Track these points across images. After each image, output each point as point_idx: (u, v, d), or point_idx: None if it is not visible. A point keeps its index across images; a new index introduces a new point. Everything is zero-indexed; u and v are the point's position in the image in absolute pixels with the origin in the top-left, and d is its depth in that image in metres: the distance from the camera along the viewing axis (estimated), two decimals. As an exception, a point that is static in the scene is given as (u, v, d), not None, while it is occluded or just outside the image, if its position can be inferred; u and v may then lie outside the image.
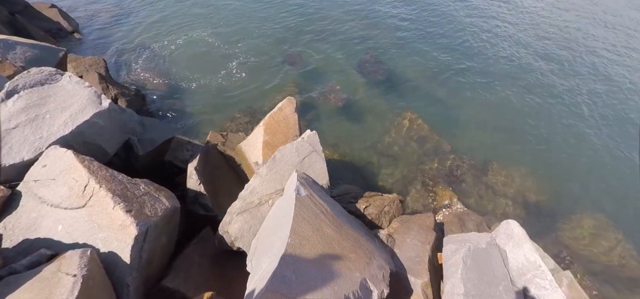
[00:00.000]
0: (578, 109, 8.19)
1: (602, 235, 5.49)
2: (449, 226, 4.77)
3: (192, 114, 6.74)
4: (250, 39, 9.24)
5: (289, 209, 2.77)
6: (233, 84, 7.57)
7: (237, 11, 10.65)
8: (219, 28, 9.63)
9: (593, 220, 5.69)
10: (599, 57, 10.62)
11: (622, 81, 9.61)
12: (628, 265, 5.17)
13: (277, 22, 10.26)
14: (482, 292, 2.88)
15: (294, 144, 3.65)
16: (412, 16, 11.66)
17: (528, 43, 10.92)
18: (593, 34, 12.10)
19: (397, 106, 7.45)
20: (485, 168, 6.31)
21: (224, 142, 4.67)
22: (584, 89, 8.99)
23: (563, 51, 10.68)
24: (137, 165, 4.07)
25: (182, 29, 9.47)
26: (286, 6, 11.29)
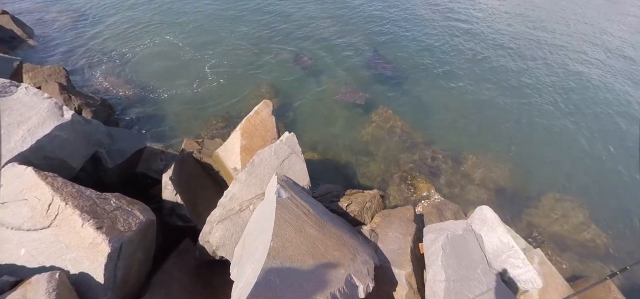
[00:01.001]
0: (542, 100, 8.74)
1: (568, 213, 5.88)
2: (428, 216, 4.91)
3: (165, 122, 6.49)
4: (222, 43, 9.05)
5: (270, 212, 2.74)
6: (207, 89, 7.37)
7: (206, 14, 10.41)
8: (189, 32, 9.36)
9: (559, 200, 6.07)
10: (560, 53, 11.40)
11: (581, 72, 10.37)
12: (591, 238, 5.57)
13: (249, 25, 10.13)
14: (462, 276, 2.99)
15: (273, 147, 3.61)
16: (384, 16, 11.93)
17: (496, 42, 11.51)
18: (556, 33, 12.95)
19: (372, 103, 7.58)
20: (458, 159, 6.57)
21: (200, 149, 4.54)
22: (546, 81, 9.60)
23: (528, 49, 11.36)
24: (106, 179, 3.87)
25: (150, 33, 9.12)
26: (257, 8, 11.18)
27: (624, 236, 5.74)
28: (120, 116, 6.42)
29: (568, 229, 5.69)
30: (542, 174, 6.56)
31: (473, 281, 3.05)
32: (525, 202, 6.01)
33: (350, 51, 9.48)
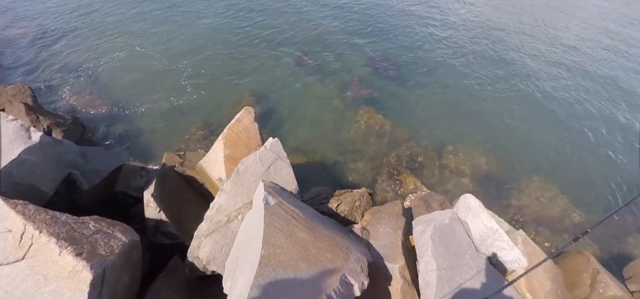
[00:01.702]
0: (514, 90, 9.15)
1: (545, 194, 6.17)
2: (416, 209, 5.00)
3: (142, 137, 6.27)
4: (198, 51, 8.86)
5: (259, 220, 2.70)
6: (185, 100, 7.18)
7: (178, 23, 10.16)
8: (160, 42, 9.10)
9: (536, 182, 6.36)
10: (531, 48, 11.97)
11: (552, 64, 10.93)
12: (567, 215, 5.87)
13: (224, 32, 9.98)
14: (452, 263, 3.07)
15: (257, 154, 3.56)
16: (359, 17, 12.09)
17: (471, 40, 11.94)
18: (527, 30, 13.58)
19: (354, 103, 7.66)
20: (441, 151, 6.74)
21: (181, 162, 4.41)
22: (519, 74, 10.07)
23: (501, 46, 11.86)
24: (83, 201, 3.69)
25: (119, 45, 8.78)
26: (231, 15, 11.03)
27: (596, 209, 6.09)
28: (94, 134, 6.13)
29: (546, 208, 5.96)
30: (519, 160, 6.85)
31: (463, 267, 3.13)
32: (506, 187, 6.25)
33: (329, 53, 9.54)
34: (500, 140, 7.23)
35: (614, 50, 12.28)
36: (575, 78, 10.01)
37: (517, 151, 7.03)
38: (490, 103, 8.35)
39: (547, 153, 7.10)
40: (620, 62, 11.51)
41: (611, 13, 16.28)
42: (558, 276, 3.86)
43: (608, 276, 4.19)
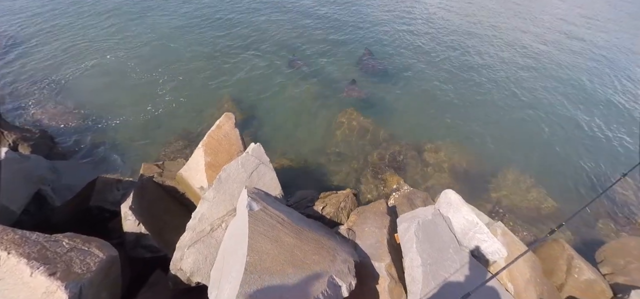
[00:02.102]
0: (488, 88, 9.54)
1: (521, 186, 6.44)
2: (400, 207, 5.09)
3: (118, 148, 6.02)
4: (173, 58, 8.62)
5: (243, 227, 2.66)
6: (162, 109, 6.97)
7: (152, 29, 9.85)
8: (134, 48, 8.80)
9: (512, 174, 6.63)
10: (505, 46, 12.49)
11: (525, 62, 11.46)
12: (543, 205, 6.15)
13: (200, 37, 9.79)
14: (436, 258, 3.14)
15: (240, 160, 3.51)
16: (337, 20, 12.22)
17: (446, 42, 12.32)
18: (493, 33, 14.15)
19: (334, 105, 7.72)
20: (422, 149, 6.90)
21: (160, 172, 4.27)
22: (489, 73, 10.49)
23: (476, 46, 12.32)
24: (55, 219, 3.50)
25: (89, 53, 8.38)
26: (206, 19, 10.84)
27: (570, 199, 6.42)
28: (65, 147, 5.83)
29: (522, 199, 6.22)
30: (495, 154, 7.13)
31: (447, 261, 3.21)
32: (484, 181, 6.48)
33: (309, 56, 9.57)
34: (477, 136, 7.49)
35: (575, 49, 13.07)
36: (543, 76, 10.57)
37: (493, 146, 7.31)
38: (466, 101, 8.65)
39: (520, 147, 7.43)
40: (582, 60, 12.27)
41: (568, 14, 17.34)
42: (536, 264, 4.02)
43: (582, 261, 4.43)
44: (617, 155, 7.68)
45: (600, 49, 13.35)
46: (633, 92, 10.53)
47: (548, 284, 4.07)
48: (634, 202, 6.53)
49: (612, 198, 6.47)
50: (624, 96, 10.17)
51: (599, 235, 5.81)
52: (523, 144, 7.50)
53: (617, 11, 19.28)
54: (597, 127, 8.48)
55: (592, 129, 8.39)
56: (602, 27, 15.91)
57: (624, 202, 6.46)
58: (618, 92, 10.35)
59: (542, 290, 3.79)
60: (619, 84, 10.84)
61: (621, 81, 11.08)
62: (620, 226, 5.99)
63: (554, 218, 5.94)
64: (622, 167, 7.27)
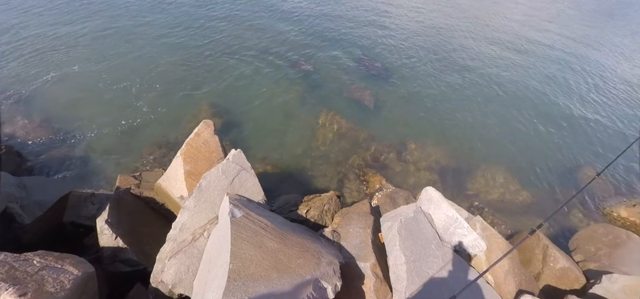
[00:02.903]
0: (463, 87, 9.88)
1: (498, 180, 6.69)
2: (383, 206, 5.16)
3: (91, 161, 5.77)
4: (147, 66, 8.34)
5: (225, 234, 2.62)
6: (137, 118, 6.74)
7: (123, 36, 9.49)
8: (107, 57, 8.45)
9: (490, 170, 6.87)
10: (472, 48, 12.98)
11: (491, 61, 11.94)
12: (519, 197, 6.41)
13: (175, 42, 9.55)
14: (419, 255, 3.20)
15: (220, 167, 3.46)
16: (313, 24, 12.31)
17: (420, 43, 12.66)
18: (468, 34, 14.68)
19: (315, 108, 7.75)
20: (402, 149, 7.04)
21: (138, 183, 4.14)
22: (464, 72, 10.87)
23: (445, 48, 12.72)
24: (26, 237, 3.32)
25: (58, 63, 7.94)
26: (179, 23, 10.62)
27: (543, 191, 6.73)
28: (33, 162, 5.53)
29: (500, 193, 6.46)
30: (472, 150, 7.38)
31: (430, 257, 3.28)
32: (463, 177, 6.68)
33: (286, 59, 9.57)
34: (455, 135, 7.73)
35: (547, 45, 13.79)
36: (516, 76, 11.06)
37: (471, 143, 7.57)
38: (442, 100, 8.92)
39: (496, 143, 7.73)
40: (554, 55, 12.96)
41: (541, 13, 18.31)
42: (514, 255, 4.18)
43: (556, 250, 4.64)
44: (586, 149, 8.13)
45: (570, 46, 14.15)
46: (602, 87, 11.23)
47: (526, 274, 4.23)
48: (601, 191, 6.93)
49: (582, 187, 6.83)
50: (595, 92, 10.83)
51: (571, 224, 6.11)
52: (499, 141, 7.81)
53: (580, 8, 20.53)
54: (567, 123, 8.96)
55: (562, 125, 8.85)
56: (568, 25, 16.89)
57: (592, 192, 6.84)
58: (589, 87, 11.01)
59: (520, 280, 3.94)
60: (590, 80, 11.54)
61: (592, 76, 11.81)
62: (589, 215, 6.34)
63: (530, 211, 6.20)
64: (590, 161, 7.72)
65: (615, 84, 11.66)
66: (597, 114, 9.68)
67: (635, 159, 8.11)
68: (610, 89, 11.23)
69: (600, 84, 11.40)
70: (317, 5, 13.90)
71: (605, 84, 11.51)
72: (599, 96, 10.67)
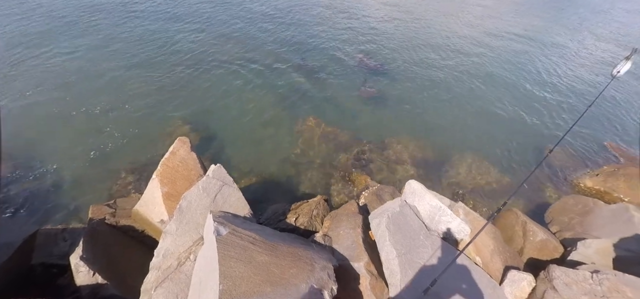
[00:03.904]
0: (437, 81, 10.24)
1: (474, 166, 6.96)
2: (370, 204, 5.20)
3: (59, 193, 5.37)
4: (114, 85, 7.92)
5: (212, 254, 2.52)
6: (108, 142, 6.37)
7: (85, 55, 8.97)
8: (69, 80, 7.89)
9: (465, 157, 7.14)
10: (443, 44, 13.49)
11: (463, 58, 12.45)
12: (496, 180, 6.70)
13: (141, 59, 9.13)
14: (409, 247, 3.25)
15: (200, 185, 3.34)
16: (283, 28, 12.31)
17: (393, 41, 12.98)
18: (439, 32, 15.23)
19: (293, 114, 7.71)
20: (383, 146, 7.16)
21: (113, 212, 3.91)
22: (437, 66, 11.27)
23: (416, 42, 13.14)
24: (-12, 288, 3.02)
25: (17, 90, 7.33)
26: (146, 39, 10.24)
27: (516, 171, 7.07)
28: (-7, 203, 5.08)
29: (478, 178, 6.72)
30: (449, 141, 7.64)
31: (419, 247, 3.34)
32: (442, 167, 6.89)
33: (259, 67, 9.48)
34: (430, 127, 7.98)
35: (506, 37, 14.62)
36: (479, 66, 11.63)
37: (445, 134, 7.85)
38: (416, 97, 9.19)
39: (468, 132, 8.07)
40: (513, 46, 13.74)
41: (503, 9, 19.41)
42: (497, 235, 4.35)
43: (534, 224, 4.88)
44: (548, 127, 8.69)
45: (525, 36, 15.07)
46: (556, 70, 12.05)
47: (510, 251, 4.41)
48: (567, 165, 7.40)
49: (550, 165, 7.26)
50: (551, 75, 11.59)
51: (545, 198, 6.47)
52: (471, 130, 8.15)
53: (532, 2, 21.98)
54: (530, 106, 9.53)
55: (525, 108, 9.41)
56: (523, 17, 18.01)
57: (560, 167, 7.29)
58: (545, 72, 11.76)
59: (505, 257, 4.11)
60: (545, 65, 12.35)
61: (546, 62, 12.64)
62: (560, 188, 6.74)
63: (506, 191, 6.50)
64: (552, 137, 8.24)
65: (567, 67, 12.58)
66: (555, 94, 10.38)
67: (595, 131, 8.76)
68: (564, 71, 12.10)
69: (554, 68, 12.24)
70: (289, 13, 13.91)
71: (558, 67, 12.38)
72: (555, 78, 11.45)
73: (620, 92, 11.03)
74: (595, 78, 11.87)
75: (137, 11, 12.21)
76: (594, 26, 18.51)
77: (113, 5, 12.46)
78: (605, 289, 3.40)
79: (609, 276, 3.49)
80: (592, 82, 11.56)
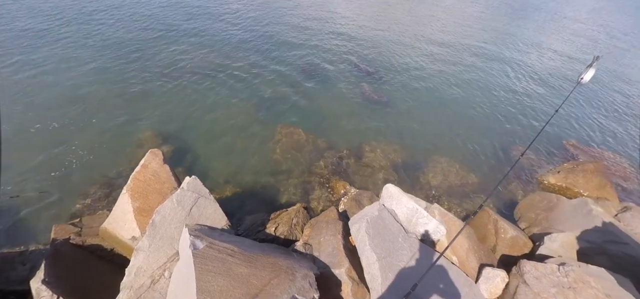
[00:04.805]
0: (412, 86, 10.58)
1: (448, 168, 7.21)
2: (350, 210, 5.24)
3: (18, 215, 4.92)
4: (79, 96, 7.41)
5: (188, 270, 2.42)
6: (72, 158, 5.95)
7: (45, 65, 8.39)
8: (28, 92, 7.38)
9: (440, 160, 7.39)
10: (414, 49, 13.99)
11: (434, 62, 12.97)
12: (469, 181, 6.98)
13: (107, 69, 8.67)
14: (389, 250, 3.29)
15: (174, 198, 3.22)
16: (257, 34, 12.28)
17: (365, 48, 13.29)
18: (417, 31, 15.77)
19: (270, 123, 7.65)
20: (360, 152, 7.26)
21: (79, 231, 3.66)
22: (410, 72, 11.65)
23: (391, 49, 13.54)
24: None
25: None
26: (112, 47, 9.81)
27: (487, 172, 7.42)
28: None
29: (452, 180, 6.97)
30: (425, 145, 7.88)
31: (398, 250, 3.39)
32: (418, 170, 7.08)
33: (232, 74, 9.35)
34: (404, 132, 8.21)
35: (476, 44, 15.45)
36: (451, 72, 12.18)
37: (419, 138, 8.11)
38: (390, 102, 9.44)
39: (441, 135, 8.39)
40: (483, 52, 14.54)
41: (471, 11, 20.52)
42: (471, 234, 4.52)
43: (505, 222, 5.13)
44: (514, 133, 9.21)
45: (493, 42, 16.01)
46: (524, 75, 12.88)
47: (484, 249, 4.60)
48: (532, 164, 7.87)
49: (517, 165, 7.66)
50: (519, 80, 12.36)
51: (513, 197, 6.82)
52: (444, 134, 8.48)
53: (497, 10, 23.46)
54: (500, 110, 10.09)
55: (496, 112, 9.96)
56: (489, 24, 19.15)
57: (526, 166, 7.74)
58: (515, 76, 12.53)
59: (480, 256, 4.27)
60: (514, 69, 13.18)
61: (514, 66, 13.51)
62: (526, 186, 7.14)
63: (479, 191, 6.80)
64: (523, 139, 8.76)
65: (533, 71, 13.51)
66: (524, 97, 11.09)
67: (555, 131, 9.40)
68: (531, 75, 12.98)
69: (523, 72, 13.10)
70: (262, 21, 13.89)
71: (526, 71, 13.27)
72: (525, 83, 12.25)
73: (578, 94, 11.98)
74: (562, 83, 12.82)
75: (103, 19, 11.71)
76: (557, 33, 20.07)
77: (77, 13, 11.87)
78: (571, 280, 3.62)
79: (574, 268, 3.72)
80: (558, 86, 12.47)
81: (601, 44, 19.54)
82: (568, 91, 7.06)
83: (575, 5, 29.86)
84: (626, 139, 9.87)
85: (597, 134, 9.84)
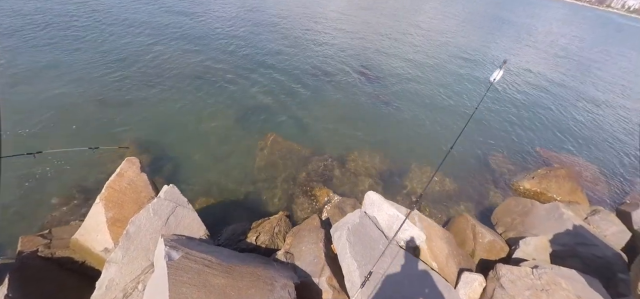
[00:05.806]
0: (389, 97, 10.78)
1: (427, 174, 7.35)
2: (332, 217, 5.24)
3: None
4: (53, 103, 7.12)
5: (162, 282, 2.35)
6: (45, 166, 5.64)
7: (18, 71, 8.04)
8: None
9: (418, 167, 7.53)
10: (388, 60, 14.29)
11: (409, 72, 13.28)
12: (446, 186, 7.14)
13: (82, 75, 8.38)
14: (369, 257, 3.31)
15: (150, 207, 3.13)
16: (238, 43, 12.25)
17: (343, 56, 13.48)
18: (393, 39, 16.11)
19: (252, 130, 7.59)
20: (343, 159, 7.31)
21: (47, 243, 3.48)
22: (386, 82, 11.88)
23: (369, 58, 13.77)
24: None
25: None
26: (87, 52, 9.51)
27: (460, 177, 7.62)
28: None
29: (430, 186, 7.11)
30: (404, 153, 8.04)
31: (379, 257, 3.41)
32: (399, 177, 7.20)
33: (214, 83, 9.26)
34: (385, 140, 8.36)
35: (449, 51, 15.98)
36: (428, 80, 12.53)
37: (400, 146, 8.28)
38: (371, 111, 9.63)
39: (420, 143, 8.60)
40: (457, 59, 15.05)
41: (446, 15, 21.24)
42: (451, 239, 4.62)
43: (483, 227, 5.27)
44: (484, 140, 9.54)
45: (466, 47, 16.61)
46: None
47: (463, 254, 4.70)
48: (508, 170, 8.16)
49: (493, 171, 7.97)
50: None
51: (491, 202, 7.04)
52: (423, 141, 8.70)
53: (471, 18, 24.44)
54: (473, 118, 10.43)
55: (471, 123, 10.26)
56: (461, 32, 19.89)
57: (502, 172, 8.02)
58: (479, 81, 13.02)
59: (459, 260, 4.36)
60: (481, 72, 13.66)
61: (480, 69, 14.00)
62: (503, 192, 7.38)
63: (455, 196, 6.97)
64: (497, 149, 9.07)
65: (505, 83, 14.10)
66: (494, 108, 11.53)
67: (529, 138, 9.81)
68: (500, 85, 13.53)
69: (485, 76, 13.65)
70: (244, 27, 13.88)
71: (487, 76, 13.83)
72: (494, 92, 12.75)
73: (551, 102, 12.57)
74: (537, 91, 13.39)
75: (79, 20, 11.36)
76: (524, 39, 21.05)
77: (52, 15, 11.47)
78: (544, 283, 3.75)
79: (547, 270, 3.86)
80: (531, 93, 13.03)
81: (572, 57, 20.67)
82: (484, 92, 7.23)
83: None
84: (596, 144, 10.43)
85: (570, 140, 10.35)
